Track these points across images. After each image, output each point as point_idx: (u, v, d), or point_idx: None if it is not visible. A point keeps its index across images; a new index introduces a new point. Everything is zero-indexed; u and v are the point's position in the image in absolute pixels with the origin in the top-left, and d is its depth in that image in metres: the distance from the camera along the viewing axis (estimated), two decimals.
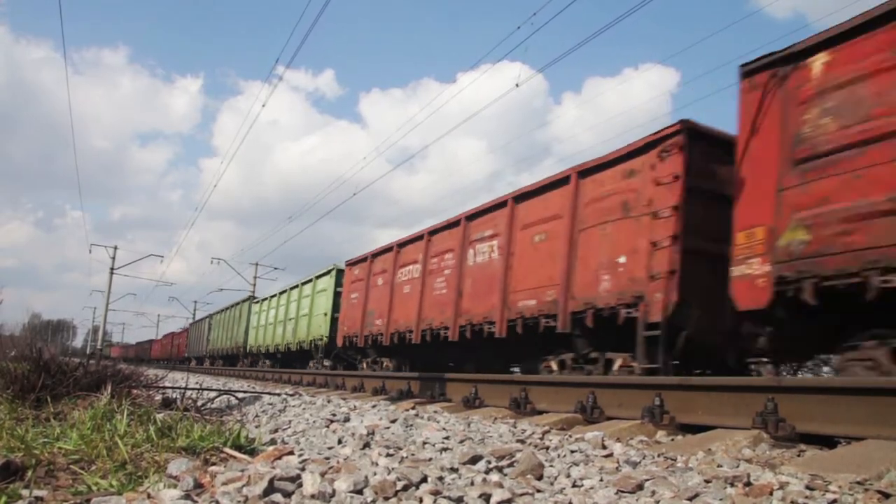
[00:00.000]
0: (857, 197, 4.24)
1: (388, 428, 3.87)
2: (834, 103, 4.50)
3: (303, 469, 2.25)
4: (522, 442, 3.50)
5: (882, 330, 4.22)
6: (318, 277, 16.13)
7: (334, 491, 2.00)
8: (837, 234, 4.32)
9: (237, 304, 24.89)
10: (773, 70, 5.01)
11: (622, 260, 6.34)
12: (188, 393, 5.00)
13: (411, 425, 4.08)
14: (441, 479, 2.28)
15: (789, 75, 4.87)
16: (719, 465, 2.73)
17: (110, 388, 4.26)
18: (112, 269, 34.29)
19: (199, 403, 4.83)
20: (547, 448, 3.25)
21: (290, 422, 4.53)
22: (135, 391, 5.03)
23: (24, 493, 2.01)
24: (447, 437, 3.44)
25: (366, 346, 12.39)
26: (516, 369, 9.81)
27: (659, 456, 2.98)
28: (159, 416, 3.52)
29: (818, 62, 4.68)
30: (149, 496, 1.96)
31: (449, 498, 1.98)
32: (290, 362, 17.70)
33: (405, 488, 2.09)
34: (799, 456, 3.20)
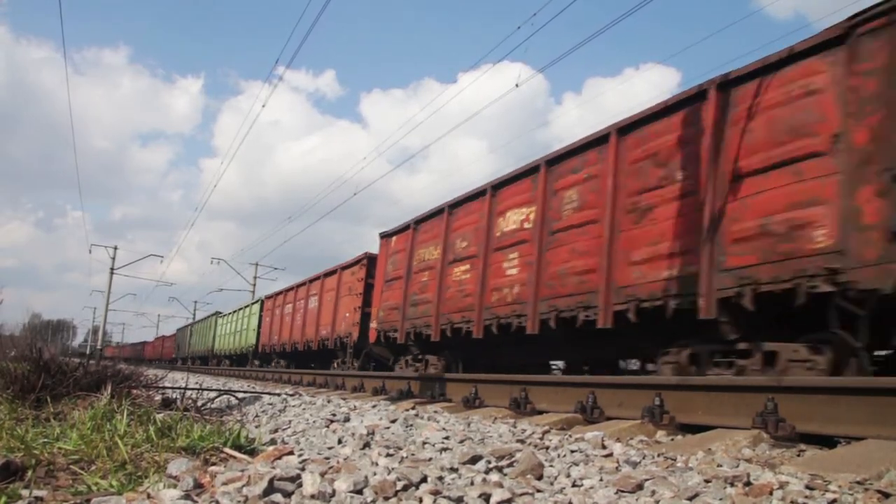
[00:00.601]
0: (393, 299, 10.59)
1: (388, 428, 3.87)
2: (393, 265, 10.91)
3: (303, 469, 2.25)
4: (522, 442, 3.50)
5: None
6: (251, 304, 22.53)
7: (334, 491, 2.00)
8: (388, 312, 10.71)
9: (209, 316, 30.84)
10: (385, 239, 11.32)
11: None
12: (188, 393, 5.00)
13: (411, 425, 4.08)
14: (441, 479, 2.28)
15: (391, 240, 11.19)
16: (719, 465, 2.73)
17: (110, 388, 4.26)
18: (112, 269, 34.32)
19: (199, 403, 4.83)
20: (547, 448, 3.25)
21: (290, 422, 4.53)
22: (135, 391, 5.02)
23: (24, 493, 2.01)
24: (447, 437, 3.44)
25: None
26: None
27: (659, 456, 2.98)
28: (159, 416, 3.52)
29: (392, 241, 11.21)
30: (149, 496, 1.96)
31: (449, 498, 1.98)
32: (242, 362, 22.47)
33: (405, 488, 2.09)
34: (799, 456, 3.20)
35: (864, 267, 4.13)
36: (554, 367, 9.05)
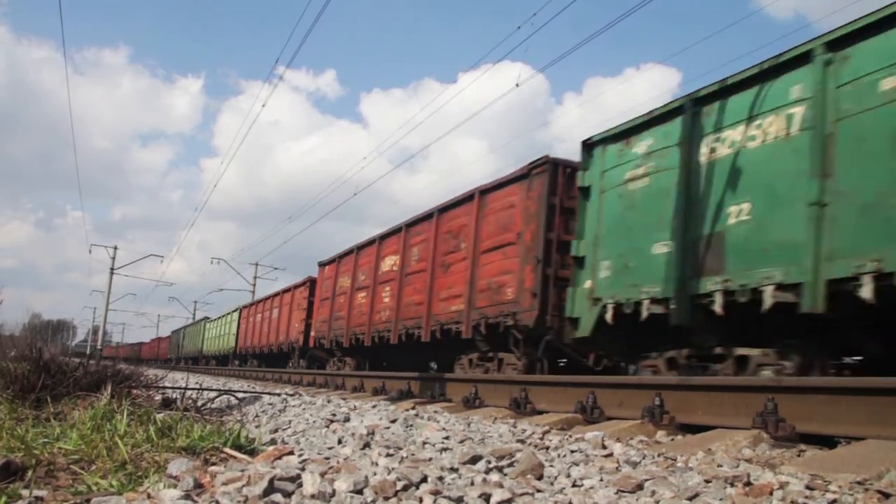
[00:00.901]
0: (323, 314, 14.01)
1: (388, 428, 3.87)
2: (324, 288, 14.34)
3: (303, 469, 2.25)
4: (522, 442, 3.50)
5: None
6: (232, 312, 25.53)
7: (334, 491, 2.00)
8: (321, 324, 14.17)
9: (199, 321, 34.93)
10: (321, 267, 14.74)
11: None
12: (188, 393, 5.00)
13: (411, 425, 4.08)
14: (441, 479, 2.28)
15: (325, 268, 14.52)
16: (719, 465, 2.72)
17: (110, 388, 4.26)
18: (112, 269, 34.32)
19: (199, 403, 4.83)
20: (547, 448, 3.25)
21: (290, 422, 4.53)
22: (135, 391, 5.02)
23: (24, 493, 2.01)
24: (447, 437, 3.44)
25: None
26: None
27: (659, 456, 2.98)
28: (159, 416, 3.52)
29: (325, 269, 14.69)
30: (149, 496, 1.96)
31: (449, 498, 1.98)
32: (224, 362, 25.80)
33: (405, 488, 2.09)
34: (799, 456, 3.20)
35: (524, 312, 7.26)
36: (432, 365, 11.70)
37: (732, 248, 4.87)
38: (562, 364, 8.18)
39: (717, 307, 4.83)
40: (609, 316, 5.78)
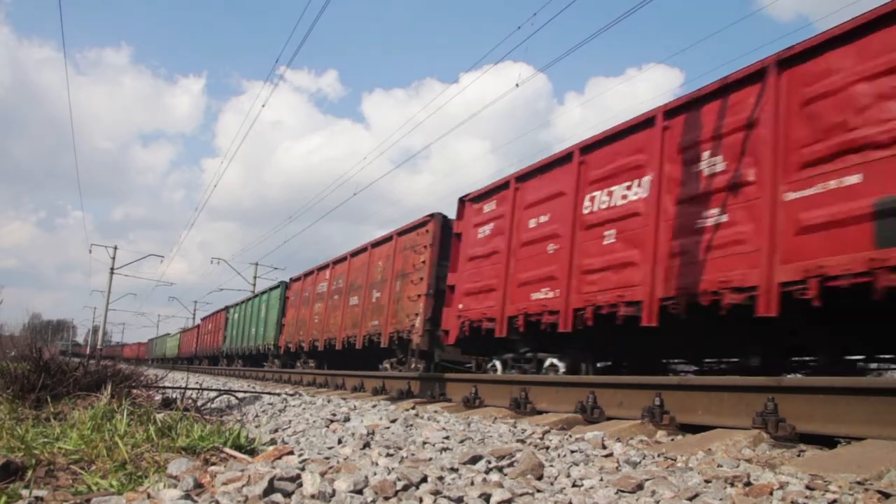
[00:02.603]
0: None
1: (388, 428, 3.87)
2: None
3: (303, 469, 2.25)
4: (522, 442, 3.50)
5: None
6: (176, 334, 34.73)
7: (334, 491, 2.00)
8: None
9: (164, 335, 45.94)
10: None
11: None
12: (188, 393, 5.00)
13: (411, 425, 4.08)
14: (441, 478, 2.28)
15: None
16: (719, 465, 2.72)
17: (110, 388, 4.26)
18: (112, 269, 34.31)
19: (199, 403, 4.83)
20: (547, 448, 3.25)
21: (290, 422, 4.53)
22: (135, 391, 5.03)
23: (24, 493, 2.01)
24: (447, 437, 3.44)
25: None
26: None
27: (659, 456, 2.98)
28: (159, 416, 3.51)
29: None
30: (149, 496, 1.96)
31: (449, 498, 1.98)
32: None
33: (405, 488, 2.09)
34: (799, 456, 3.20)
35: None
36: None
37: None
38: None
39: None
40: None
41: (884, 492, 2.18)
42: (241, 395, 6.64)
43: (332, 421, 4.34)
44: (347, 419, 4.50)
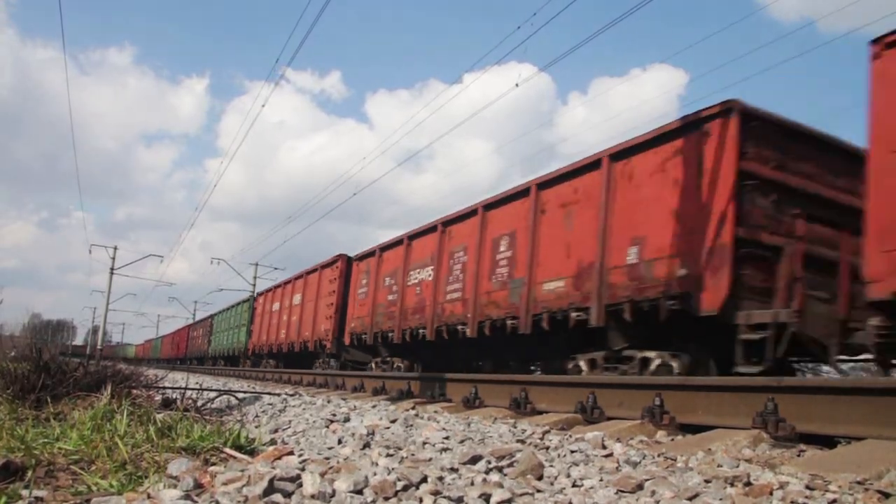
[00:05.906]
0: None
1: (388, 428, 3.87)
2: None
3: (303, 469, 2.25)
4: (522, 442, 3.50)
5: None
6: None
7: (334, 491, 2.00)
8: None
9: (128, 344, 56.71)
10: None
11: None
12: (188, 393, 5.00)
13: (411, 425, 4.08)
14: (441, 479, 2.28)
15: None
16: (719, 465, 2.73)
17: (110, 388, 4.26)
18: (112, 269, 34.30)
19: (199, 403, 4.83)
20: (547, 448, 3.25)
21: (290, 422, 4.53)
22: (135, 391, 5.02)
23: (24, 493, 2.01)
24: (447, 437, 3.44)
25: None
26: None
27: (659, 456, 2.98)
28: (159, 417, 3.51)
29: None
30: (149, 496, 1.96)
31: (449, 498, 1.98)
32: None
33: (405, 488, 2.09)
34: (799, 456, 3.20)
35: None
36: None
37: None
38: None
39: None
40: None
41: (884, 492, 2.18)
42: (241, 395, 6.64)
43: (332, 421, 4.33)
44: (347, 419, 4.49)
